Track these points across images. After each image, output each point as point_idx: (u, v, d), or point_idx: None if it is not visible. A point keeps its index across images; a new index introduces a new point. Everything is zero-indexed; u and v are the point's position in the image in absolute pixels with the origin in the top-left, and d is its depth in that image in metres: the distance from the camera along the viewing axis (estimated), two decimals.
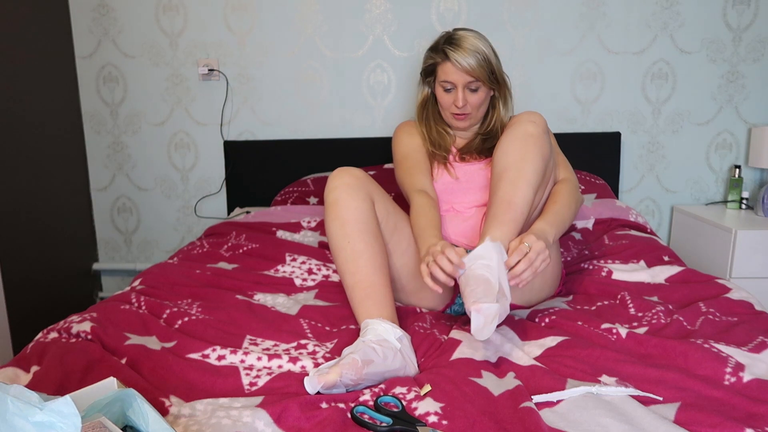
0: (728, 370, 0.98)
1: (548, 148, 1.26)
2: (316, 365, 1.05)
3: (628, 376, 0.98)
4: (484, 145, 1.51)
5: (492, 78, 1.43)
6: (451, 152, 1.53)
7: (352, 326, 1.23)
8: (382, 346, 1.04)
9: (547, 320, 1.24)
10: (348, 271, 1.20)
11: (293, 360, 1.06)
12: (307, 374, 1.01)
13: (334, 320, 1.27)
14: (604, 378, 0.98)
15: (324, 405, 0.90)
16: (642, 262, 1.52)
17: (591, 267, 1.52)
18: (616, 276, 1.46)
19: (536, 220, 1.25)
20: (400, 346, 1.07)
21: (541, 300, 1.39)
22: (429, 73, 1.50)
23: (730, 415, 0.85)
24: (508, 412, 0.88)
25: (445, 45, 1.42)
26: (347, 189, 1.23)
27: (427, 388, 0.96)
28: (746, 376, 0.96)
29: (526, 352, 1.11)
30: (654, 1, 2.19)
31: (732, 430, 0.81)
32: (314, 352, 1.11)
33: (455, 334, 1.18)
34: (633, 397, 0.92)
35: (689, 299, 1.31)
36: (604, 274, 1.47)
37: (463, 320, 1.30)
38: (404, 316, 1.30)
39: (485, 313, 1.00)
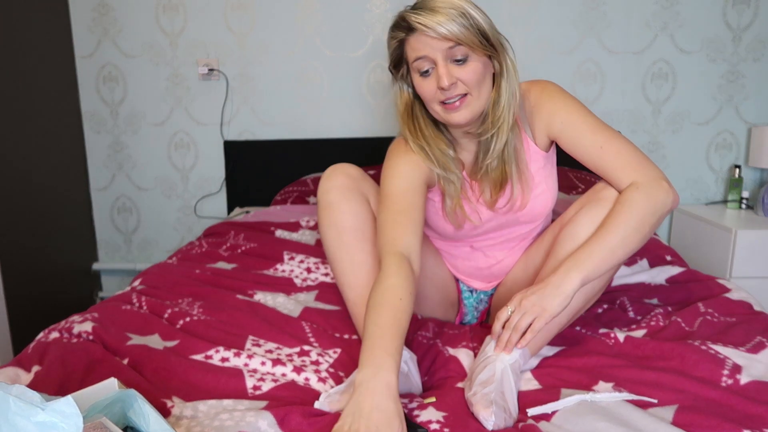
0: (725, 372, 0.98)
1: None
2: (320, 380, 1.04)
3: (625, 381, 0.98)
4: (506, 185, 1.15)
5: (483, 41, 1.04)
6: (461, 178, 1.17)
7: (355, 336, 1.22)
8: None
9: None
10: (347, 284, 1.13)
11: (297, 370, 1.05)
12: (311, 387, 1.01)
13: (337, 324, 1.26)
14: (600, 385, 0.98)
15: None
16: (644, 261, 1.52)
17: None
18: (616, 278, 1.46)
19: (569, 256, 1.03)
20: (407, 369, 1.02)
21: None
22: (398, 62, 1.11)
23: (727, 416, 0.86)
24: (509, 428, 0.89)
25: (406, 13, 1.04)
26: (342, 191, 1.14)
27: (432, 399, 0.95)
28: (743, 378, 0.96)
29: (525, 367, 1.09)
30: (654, 1, 2.19)
31: None
32: (317, 362, 1.09)
33: (460, 354, 1.13)
34: (629, 401, 0.92)
35: (689, 300, 1.31)
36: None
37: (470, 332, 1.28)
38: None
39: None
